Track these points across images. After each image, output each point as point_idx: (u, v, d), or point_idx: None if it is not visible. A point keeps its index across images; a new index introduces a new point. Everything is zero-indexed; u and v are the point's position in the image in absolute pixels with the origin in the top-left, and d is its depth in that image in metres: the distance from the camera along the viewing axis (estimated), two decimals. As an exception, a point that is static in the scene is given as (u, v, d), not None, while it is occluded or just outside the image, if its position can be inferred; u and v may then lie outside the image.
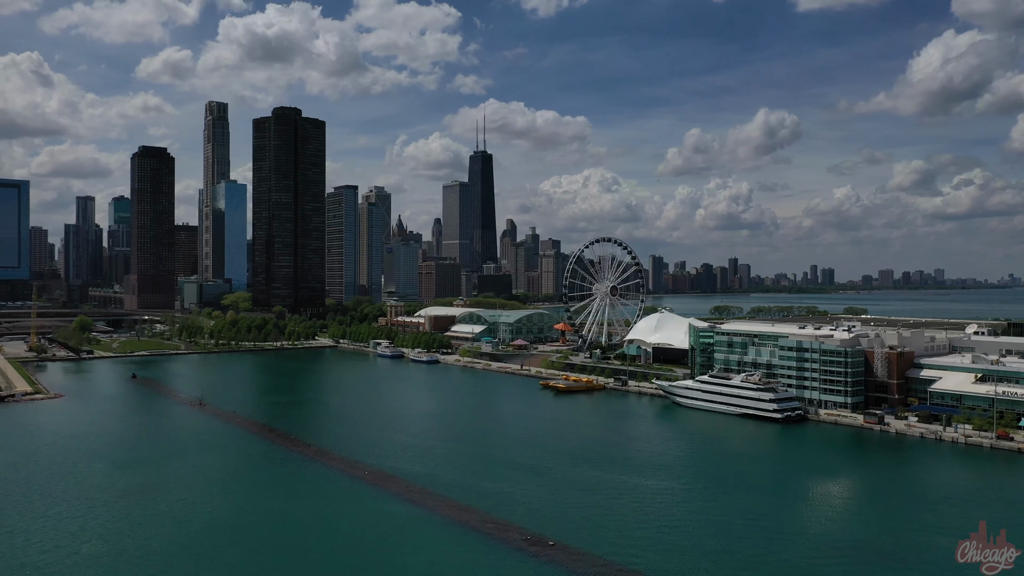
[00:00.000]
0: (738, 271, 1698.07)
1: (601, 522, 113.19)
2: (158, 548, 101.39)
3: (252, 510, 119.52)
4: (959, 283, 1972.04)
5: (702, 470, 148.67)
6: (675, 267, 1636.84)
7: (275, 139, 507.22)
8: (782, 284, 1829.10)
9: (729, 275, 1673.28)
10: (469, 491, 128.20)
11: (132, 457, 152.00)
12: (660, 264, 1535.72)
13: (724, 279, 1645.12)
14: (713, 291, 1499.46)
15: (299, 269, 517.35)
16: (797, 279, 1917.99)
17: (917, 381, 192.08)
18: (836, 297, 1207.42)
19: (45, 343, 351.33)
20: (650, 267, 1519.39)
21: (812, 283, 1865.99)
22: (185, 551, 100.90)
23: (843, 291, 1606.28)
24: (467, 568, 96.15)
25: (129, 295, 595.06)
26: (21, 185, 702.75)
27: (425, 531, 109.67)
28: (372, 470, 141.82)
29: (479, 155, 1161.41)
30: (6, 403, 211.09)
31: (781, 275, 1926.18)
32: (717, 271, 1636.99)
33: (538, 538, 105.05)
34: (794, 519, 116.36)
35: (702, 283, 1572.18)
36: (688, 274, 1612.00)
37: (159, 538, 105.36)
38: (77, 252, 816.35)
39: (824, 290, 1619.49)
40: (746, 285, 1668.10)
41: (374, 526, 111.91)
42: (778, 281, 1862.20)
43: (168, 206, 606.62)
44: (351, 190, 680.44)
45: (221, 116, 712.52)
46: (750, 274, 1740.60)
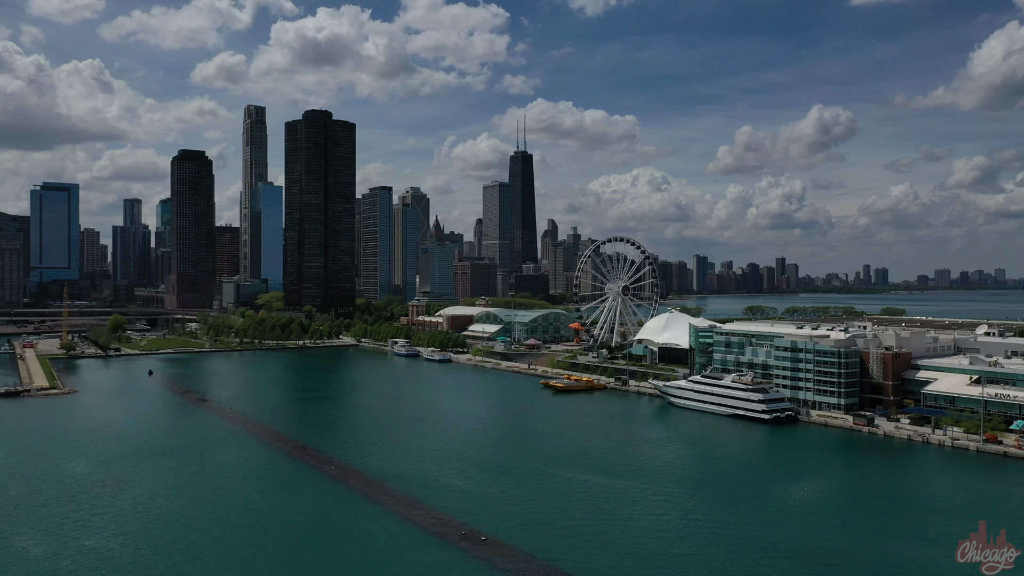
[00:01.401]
0: (785, 271, 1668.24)
1: (543, 519, 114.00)
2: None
3: (202, 501, 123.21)
4: (1021, 283, 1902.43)
5: (669, 471, 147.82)
6: (721, 267, 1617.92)
7: (305, 141, 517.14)
8: (833, 284, 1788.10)
9: (776, 275, 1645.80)
10: (425, 487, 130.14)
11: (109, 455, 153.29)
12: (704, 264, 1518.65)
13: (771, 279, 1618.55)
14: (759, 291, 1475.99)
15: (329, 269, 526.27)
16: (849, 279, 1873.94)
17: (913, 383, 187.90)
18: (886, 297, 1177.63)
19: (78, 341, 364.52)
20: (694, 267, 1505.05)
21: (865, 283, 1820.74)
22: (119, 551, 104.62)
23: (896, 291, 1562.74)
24: (387, 560, 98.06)
25: (169, 295, 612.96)
26: (71, 189, 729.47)
27: (366, 523, 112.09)
28: (338, 464, 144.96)
29: (519, 155, 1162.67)
30: (21, 398, 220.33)
31: (832, 275, 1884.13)
32: (763, 271, 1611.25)
33: (474, 533, 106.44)
34: (743, 521, 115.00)
35: (747, 283, 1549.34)
36: (733, 274, 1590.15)
37: (94, 537, 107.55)
38: (125, 253, 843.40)
39: (876, 290, 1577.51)
40: (794, 285, 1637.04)
41: (320, 516, 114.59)
42: (829, 281, 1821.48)
43: (207, 208, 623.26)
44: (385, 191, 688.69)
45: (259, 120, 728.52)
46: (798, 274, 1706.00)
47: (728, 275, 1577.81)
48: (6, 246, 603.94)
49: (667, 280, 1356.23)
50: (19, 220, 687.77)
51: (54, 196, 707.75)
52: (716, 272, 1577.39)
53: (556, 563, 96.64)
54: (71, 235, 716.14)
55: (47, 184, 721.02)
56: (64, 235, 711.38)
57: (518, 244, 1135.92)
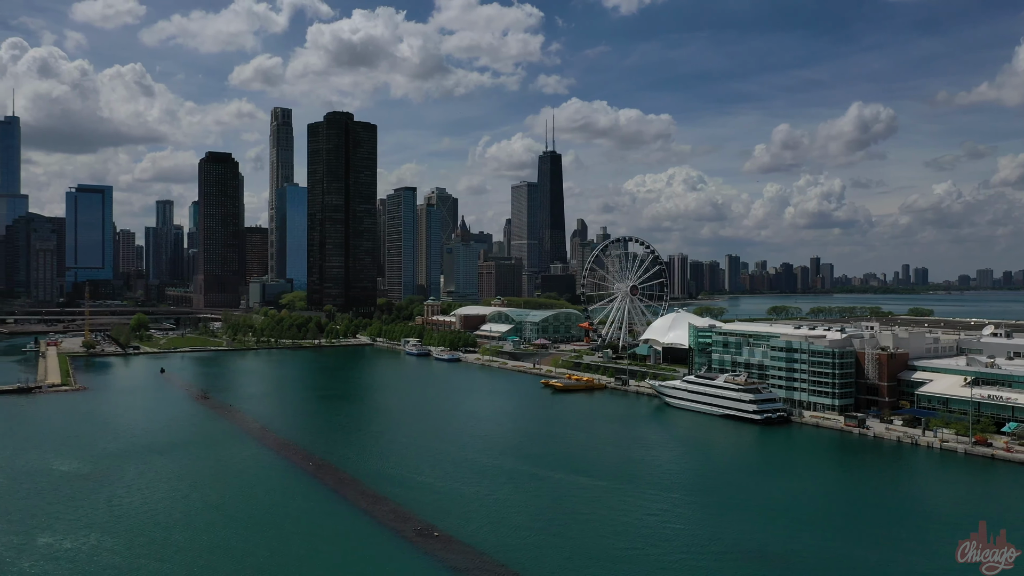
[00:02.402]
0: (820, 271, 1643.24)
1: (503, 517, 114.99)
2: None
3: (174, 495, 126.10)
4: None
5: (644, 471, 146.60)
6: (755, 267, 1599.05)
7: (326, 143, 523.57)
8: (870, 284, 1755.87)
9: (811, 275, 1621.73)
10: (395, 483, 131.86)
11: (98, 451, 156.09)
12: (736, 264, 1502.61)
13: (805, 279, 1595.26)
14: (793, 291, 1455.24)
15: (350, 269, 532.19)
16: (887, 279, 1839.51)
17: (908, 384, 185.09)
18: (923, 298, 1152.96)
19: (100, 339, 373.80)
20: (726, 267, 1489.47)
21: (903, 283, 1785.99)
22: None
23: (934, 292, 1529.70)
24: (334, 553, 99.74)
25: (197, 294, 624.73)
26: (105, 191, 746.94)
27: (326, 517, 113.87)
28: (317, 460, 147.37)
29: (548, 155, 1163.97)
30: (32, 394, 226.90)
31: (870, 275, 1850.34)
32: (797, 271, 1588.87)
33: (429, 529, 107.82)
34: (706, 522, 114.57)
35: (781, 283, 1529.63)
36: (767, 274, 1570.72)
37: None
38: (157, 254, 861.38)
39: (914, 291, 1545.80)
40: (829, 285, 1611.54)
41: (283, 510, 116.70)
42: (866, 281, 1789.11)
43: (233, 209, 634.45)
44: (409, 191, 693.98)
45: (285, 121, 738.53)
46: (833, 274, 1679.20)
47: (761, 275, 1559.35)
48: (40, 247, 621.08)
49: (698, 280, 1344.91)
50: (54, 222, 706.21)
51: (89, 198, 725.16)
52: (749, 272, 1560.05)
53: (502, 560, 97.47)
54: (105, 236, 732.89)
55: (82, 186, 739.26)
56: (98, 236, 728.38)
57: (547, 244, 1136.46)
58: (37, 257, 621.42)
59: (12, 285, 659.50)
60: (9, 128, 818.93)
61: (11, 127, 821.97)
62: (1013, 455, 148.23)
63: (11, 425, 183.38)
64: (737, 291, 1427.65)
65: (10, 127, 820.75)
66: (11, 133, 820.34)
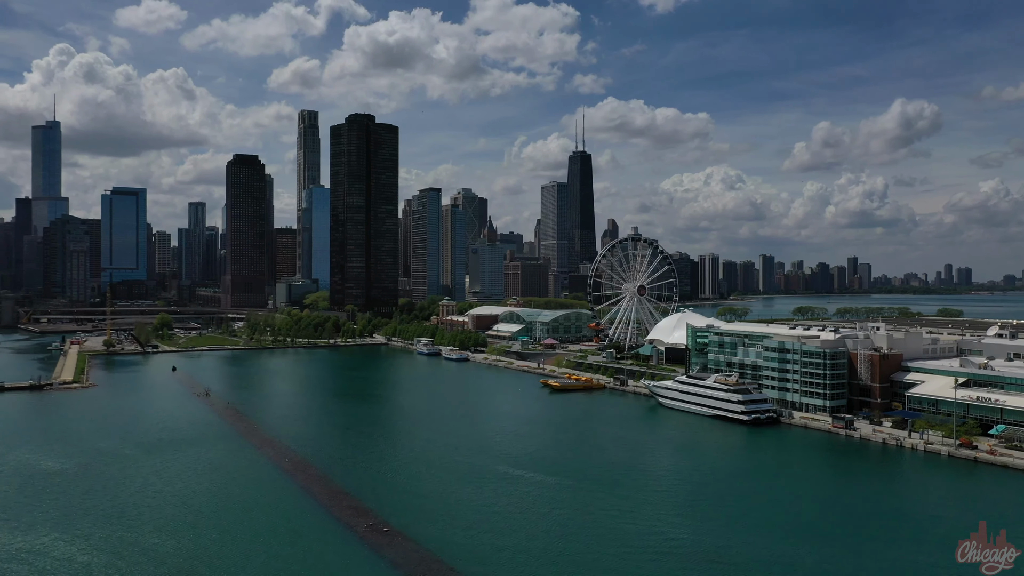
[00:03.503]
0: (857, 271, 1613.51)
1: (456, 513, 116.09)
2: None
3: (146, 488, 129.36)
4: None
5: (614, 472, 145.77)
6: (791, 267, 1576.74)
7: (347, 145, 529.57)
8: (911, 285, 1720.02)
9: (848, 275, 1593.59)
10: (361, 479, 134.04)
11: (80, 448, 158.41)
12: (771, 264, 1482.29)
13: (842, 279, 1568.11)
14: (829, 292, 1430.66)
15: (371, 269, 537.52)
16: (929, 279, 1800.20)
17: (901, 385, 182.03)
18: (964, 299, 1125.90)
19: (122, 338, 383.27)
20: (760, 267, 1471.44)
21: (946, 284, 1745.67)
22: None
23: (976, 292, 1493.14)
24: (280, 544, 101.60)
25: (225, 295, 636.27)
26: (139, 193, 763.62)
27: (282, 511, 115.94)
28: (294, 457, 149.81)
29: (578, 155, 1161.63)
30: (43, 391, 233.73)
31: (911, 275, 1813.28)
32: (834, 271, 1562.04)
33: (380, 524, 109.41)
34: (659, 522, 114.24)
35: (817, 283, 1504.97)
36: (803, 274, 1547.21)
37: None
38: (190, 254, 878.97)
39: (956, 291, 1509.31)
40: (867, 285, 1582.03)
41: (247, 502, 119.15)
42: (907, 282, 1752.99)
43: (259, 210, 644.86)
44: (434, 192, 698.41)
45: (311, 124, 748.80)
46: (871, 274, 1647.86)
47: (797, 275, 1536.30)
48: (74, 248, 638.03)
49: (731, 280, 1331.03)
50: (90, 223, 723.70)
51: (123, 200, 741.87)
52: (784, 272, 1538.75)
53: (442, 556, 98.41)
54: (139, 237, 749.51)
55: (117, 189, 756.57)
56: (133, 237, 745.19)
57: (576, 244, 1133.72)
58: (71, 258, 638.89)
59: (49, 285, 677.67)
60: (50, 133, 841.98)
61: (52, 132, 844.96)
62: (996, 458, 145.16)
63: (8, 423, 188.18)
64: (772, 291, 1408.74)
65: (51, 132, 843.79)
66: (52, 138, 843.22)
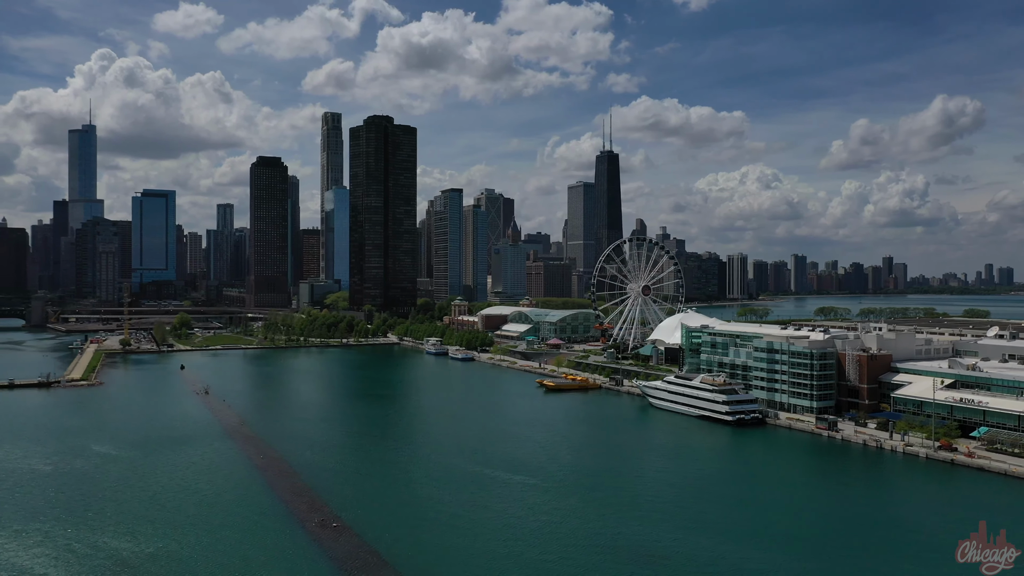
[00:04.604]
0: (893, 271, 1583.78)
1: (407, 511, 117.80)
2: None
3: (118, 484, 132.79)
4: None
5: (582, 471, 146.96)
6: (824, 266, 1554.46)
7: (365, 146, 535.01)
8: (950, 285, 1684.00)
9: (883, 275, 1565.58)
10: (328, 477, 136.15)
11: (58, 447, 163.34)
12: (803, 263, 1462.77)
13: (877, 279, 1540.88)
14: (864, 292, 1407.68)
15: (389, 270, 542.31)
16: (969, 279, 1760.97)
17: (889, 386, 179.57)
18: (1004, 299, 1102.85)
19: (141, 337, 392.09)
20: (792, 266, 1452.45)
21: (987, 284, 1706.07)
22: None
23: (1017, 292, 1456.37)
24: (232, 537, 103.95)
25: (248, 295, 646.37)
26: (168, 195, 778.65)
27: (245, 506, 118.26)
28: (269, 453, 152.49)
29: (605, 155, 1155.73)
30: (50, 388, 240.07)
31: (950, 275, 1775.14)
32: (868, 271, 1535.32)
33: (331, 520, 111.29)
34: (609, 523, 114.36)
35: (851, 283, 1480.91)
36: (836, 274, 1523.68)
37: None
38: (218, 255, 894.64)
39: (996, 291, 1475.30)
40: (903, 286, 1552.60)
41: (214, 498, 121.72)
42: (946, 282, 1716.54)
43: (282, 211, 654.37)
44: (456, 193, 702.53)
45: (335, 126, 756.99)
46: (907, 274, 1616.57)
47: (830, 275, 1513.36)
48: (102, 249, 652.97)
49: (762, 281, 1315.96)
50: (120, 225, 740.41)
51: (153, 202, 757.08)
52: (818, 272, 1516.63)
53: (380, 550, 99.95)
54: (168, 238, 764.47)
55: (147, 191, 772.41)
56: (162, 239, 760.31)
57: (603, 244, 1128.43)
58: (101, 259, 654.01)
59: (81, 286, 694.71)
60: (86, 136, 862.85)
61: (88, 135, 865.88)
62: (973, 460, 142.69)
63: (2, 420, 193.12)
64: (804, 292, 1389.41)
65: (87, 135, 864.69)
66: (88, 141, 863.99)
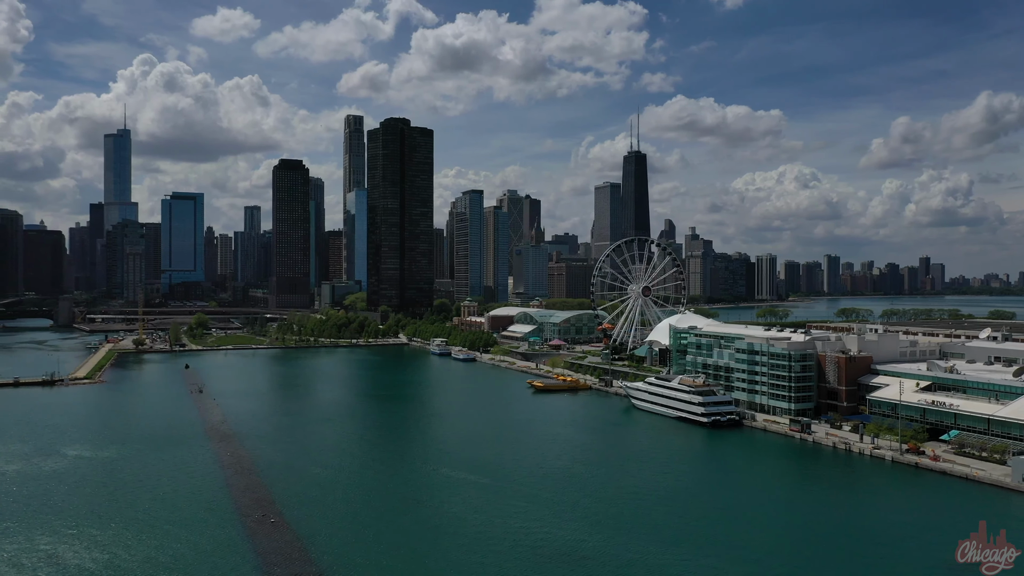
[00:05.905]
0: (930, 271, 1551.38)
1: (349, 510, 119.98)
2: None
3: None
4: None
5: (546, 472, 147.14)
6: (860, 267, 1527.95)
7: (383, 148, 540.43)
8: (991, 286, 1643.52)
9: (920, 275, 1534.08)
10: (282, 475, 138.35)
11: (35, 445, 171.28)
12: (836, 264, 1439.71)
13: (913, 280, 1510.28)
14: (899, 293, 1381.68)
15: (405, 271, 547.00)
16: (1011, 280, 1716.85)
17: (867, 388, 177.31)
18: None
19: (157, 336, 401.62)
20: (825, 267, 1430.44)
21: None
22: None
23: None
24: (177, 532, 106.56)
25: (271, 295, 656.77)
26: (196, 198, 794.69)
27: (196, 502, 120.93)
28: (236, 451, 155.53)
29: (632, 155, 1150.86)
30: (54, 386, 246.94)
31: (991, 275, 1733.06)
32: (904, 271, 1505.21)
33: (270, 516, 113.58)
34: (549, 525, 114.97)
35: (886, 284, 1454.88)
36: (871, 275, 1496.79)
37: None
38: (245, 256, 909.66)
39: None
40: (940, 286, 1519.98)
41: (170, 495, 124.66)
42: (987, 282, 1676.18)
43: (304, 213, 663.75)
44: (477, 194, 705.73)
45: (357, 128, 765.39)
46: (944, 274, 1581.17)
47: (864, 276, 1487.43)
48: (130, 251, 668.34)
49: (793, 281, 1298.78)
50: (149, 227, 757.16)
51: (181, 205, 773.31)
52: (852, 273, 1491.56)
53: (308, 546, 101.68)
54: (196, 240, 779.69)
55: (176, 194, 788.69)
56: (191, 241, 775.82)
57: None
58: (128, 260, 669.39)
59: (111, 287, 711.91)
60: (121, 140, 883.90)
61: (123, 139, 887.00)
62: (936, 464, 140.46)
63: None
64: (837, 292, 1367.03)
65: (122, 139, 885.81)
66: (123, 145, 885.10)
